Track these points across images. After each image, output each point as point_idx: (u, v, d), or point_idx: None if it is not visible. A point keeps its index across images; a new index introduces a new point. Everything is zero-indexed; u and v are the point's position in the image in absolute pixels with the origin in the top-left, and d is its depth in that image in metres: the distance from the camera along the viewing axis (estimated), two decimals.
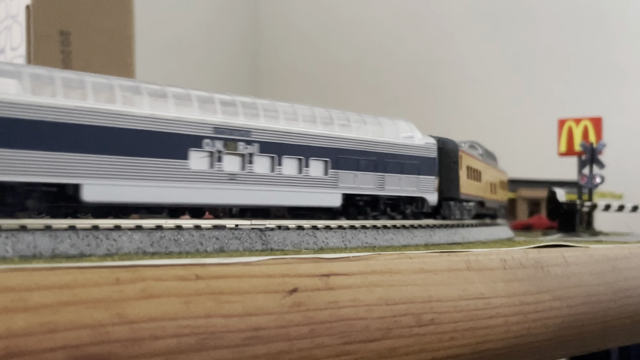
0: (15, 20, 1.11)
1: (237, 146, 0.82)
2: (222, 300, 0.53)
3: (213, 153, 0.80)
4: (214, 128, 0.80)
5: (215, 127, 0.80)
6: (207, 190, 0.79)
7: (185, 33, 2.87)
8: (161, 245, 0.69)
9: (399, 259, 0.70)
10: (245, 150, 0.82)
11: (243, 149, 0.82)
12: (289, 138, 0.87)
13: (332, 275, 0.62)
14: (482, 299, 0.75)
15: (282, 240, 0.78)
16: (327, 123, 0.93)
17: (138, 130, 0.73)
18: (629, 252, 1.03)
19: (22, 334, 0.43)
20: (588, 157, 1.51)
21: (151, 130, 0.74)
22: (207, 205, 0.82)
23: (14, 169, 0.64)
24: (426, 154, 1.06)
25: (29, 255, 0.59)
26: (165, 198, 0.76)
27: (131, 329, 0.48)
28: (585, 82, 2.48)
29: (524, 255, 0.83)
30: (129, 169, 0.72)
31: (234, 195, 0.82)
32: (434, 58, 2.81)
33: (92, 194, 0.69)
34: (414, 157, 1.04)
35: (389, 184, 1.00)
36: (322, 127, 0.92)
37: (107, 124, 0.70)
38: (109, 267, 0.50)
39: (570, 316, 0.87)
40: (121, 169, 0.71)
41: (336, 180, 0.92)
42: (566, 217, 1.45)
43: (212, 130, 0.80)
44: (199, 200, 0.79)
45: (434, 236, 0.99)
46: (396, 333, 0.65)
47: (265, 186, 0.84)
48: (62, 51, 1.11)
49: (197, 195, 0.78)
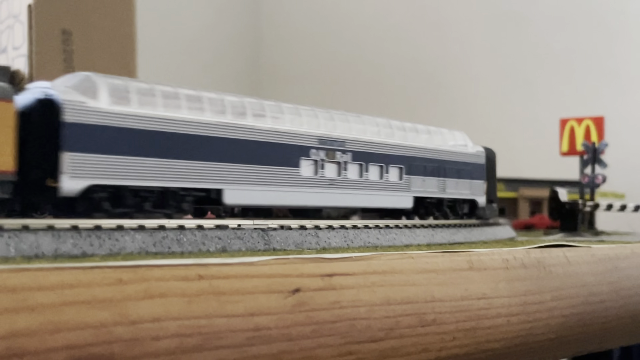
0: (17, 19, 1.11)
1: (335, 155, 0.93)
2: (225, 300, 0.53)
3: (317, 161, 0.91)
4: (318, 139, 0.92)
5: (319, 138, 0.92)
6: (312, 194, 0.91)
7: (186, 32, 2.87)
8: (164, 245, 0.69)
9: (401, 258, 0.70)
10: (341, 158, 0.94)
11: (339, 158, 0.94)
12: (374, 147, 0.99)
13: (335, 275, 0.62)
14: (485, 298, 0.75)
15: (285, 240, 0.78)
16: (401, 133, 1.05)
17: (263, 142, 0.85)
18: (631, 251, 1.03)
19: (24, 334, 0.43)
20: (590, 157, 1.51)
21: (273, 142, 0.86)
22: (312, 207, 0.94)
23: (176, 176, 0.76)
24: (477, 161, 1.19)
25: (31, 255, 0.59)
26: (283, 201, 0.88)
27: (133, 329, 0.48)
28: (588, 81, 2.48)
29: (526, 255, 0.83)
30: (258, 176, 0.84)
31: (332, 198, 0.93)
32: (436, 57, 2.81)
33: (231, 197, 0.81)
34: (468, 163, 1.17)
35: (449, 187, 1.12)
36: (399, 138, 1.04)
37: (241, 136, 0.82)
38: (112, 267, 0.50)
39: (572, 316, 0.86)
40: (252, 176, 0.83)
41: (409, 185, 1.04)
42: (568, 217, 1.44)
43: (317, 141, 0.91)
44: (306, 202, 0.91)
45: (435, 236, 0.99)
46: (398, 333, 0.65)
47: (355, 190, 0.96)
48: (64, 50, 1.11)
49: (305, 198, 0.90)
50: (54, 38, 1.11)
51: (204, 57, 2.94)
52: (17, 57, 1.11)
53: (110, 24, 1.18)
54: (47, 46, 1.10)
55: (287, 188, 0.87)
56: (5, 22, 1.14)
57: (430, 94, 2.79)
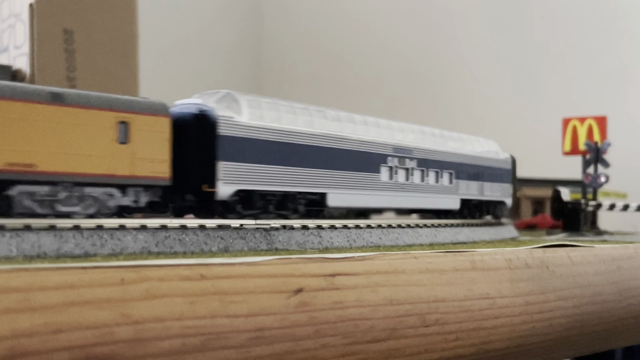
0: (18, 18, 1.11)
1: (405, 162, 1.04)
2: (227, 300, 0.53)
3: (392, 168, 1.02)
4: (393, 148, 1.02)
5: (394, 147, 1.03)
6: (388, 197, 1.01)
7: (188, 32, 2.87)
8: (166, 245, 0.68)
9: (404, 258, 0.69)
10: (409, 165, 1.05)
11: (408, 164, 1.05)
12: (432, 155, 1.10)
13: (337, 275, 0.62)
14: (488, 299, 0.74)
15: (287, 240, 0.78)
16: (450, 142, 1.17)
17: (355, 151, 0.96)
18: (635, 251, 1.02)
19: (26, 335, 0.43)
20: (593, 156, 1.50)
21: (361, 150, 0.97)
22: (387, 208, 1.06)
23: (295, 181, 0.87)
24: (505, 166, 1.33)
25: (33, 255, 0.59)
26: (368, 203, 0.99)
27: (136, 329, 0.47)
28: (590, 81, 2.47)
29: (529, 255, 0.83)
30: (351, 181, 0.95)
31: (401, 200, 1.04)
32: (438, 57, 2.80)
33: (333, 200, 0.93)
34: (499, 168, 1.30)
35: (486, 190, 1.25)
36: (449, 146, 1.16)
37: (339, 146, 0.93)
38: (114, 267, 0.50)
39: (575, 316, 0.86)
40: (347, 181, 0.94)
41: (457, 188, 1.16)
42: (571, 217, 1.44)
43: (392, 149, 1.02)
44: (384, 204, 1.03)
45: (438, 236, 0.99)
46: (401, 333, 0.65)
47: (419, 193, 1.07)
48: (66, 50, 1.11)
49: (383, 200, 1.01)
50: (55, 37, 1.10)
51: (204, 57, 2.94)
52: (18, 56, 1.11)
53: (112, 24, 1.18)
54: (48, 45, 1.09)
55: (371, 192, 0.98)
56: (7, 21, 1.14)
57: (432, 93, 2.79)
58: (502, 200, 1.31)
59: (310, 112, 0.92)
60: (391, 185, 1.02)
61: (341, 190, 0.93)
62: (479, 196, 1.22)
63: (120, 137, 0.75)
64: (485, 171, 1.25)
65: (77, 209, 0.72)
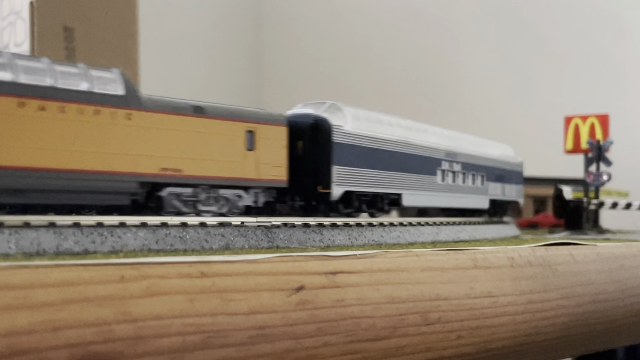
0: (19, 16, 1.10)
1: (453, 166, 1.15)
2: (228, 298, 0.53)
3: (444, 171, 1.13)
4: (445, 153, 1.13)
5: (446, 152, 1.14)
6: (441, 197, 1.12)
7: (188, 30, 2.87)
8: (166, 242, 0.68)
9: (405, 256, 0.69)
10: (455, 168, 1.16)
11: (455, 168, 1.15)
12: (471, 159, 1.21)
13: (339, 273, 0.61)
14: (490, 297, 0.74)
15: (288, 238, 0.78)
16: (480, 148, 1.28)
17: (421, 156, 1.07)
18: (637, 250, 1.02)
19: (25, 332, 0.42)
20: (595, 155, 1.50)
21: (425, 155, 1.08)
22: (439, 207, 1.15)
23: (383, 183, 0.99)
24: (518, 169, 1.46)
25: (32, 252, 0.59)
26: (429, 203, 1.10)
27: (136, 327, 0.47)
28: (592, 79, 2.47)
29: (531, 253, 0.82)
30: (418, 183, 1.06)
31: (450, 200, 1.14)
32: (439, 55, 2.80)
33: (407, 200, 1.03)
34: (514, 171, 1.43)
35: (506, 190, 1.37)
36: (480, 151, 1.27)
37: (411, 151, 1.05)
38: (114, 265, 0.50)
39: (577, 315, 0.86)
40: (415, 183, 1.05)
41: (487, 189, 1.27)
42: (573, 215, 1.44)
43: (444, 154, 1.13)
44: (438, 204, 1.13)
45: (440, 234, 0.98)
46: (403, 331, 0.64)
47: (462, 194, 1.18)
48: (66, 47, 1.11)
49: (438, 200, 1.11)
50: (55, 35, 1.10)
51: (205, 55, 2.94)
52: None
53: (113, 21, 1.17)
54: (49, 43, 1.09)
55: (431, 192, 1.09)
56: (7, 18, 1.14)
57: (433, 91, 2.78)
58: (517, 200, 1.44)
59: (390, 121, 1.03)
60: (443, 186, 1.13)
61: (412, 191, 1.04)
62: (502, 196, 1.34)
63: (248, 144, 0.85)
64: (505, 174, 1.36)
65: (213, 208, 0.81)
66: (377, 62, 2.94)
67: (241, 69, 3.13)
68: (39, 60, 0.68)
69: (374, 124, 0.99)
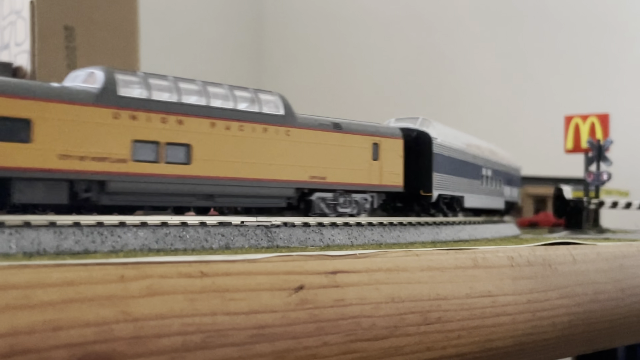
0: (19, 15, 1.10)
1: (488, 172, 1.30)
2: (228, 297, 0.53)
3: (483, 176, 1.28)
4: (484, 161, 1.29)
5: (485, 160, 1.30)
6: (483, 199, 1.28)
7: (189, 30, 2.87)
8: (166, 242, 0.68)
9: (405, 256, 0.69)
10: (489, 174, 1.31)
11: (489, 173, 1.31)
12: (495, 165, 1.37)
13: (339, 273, 0.61)
14: (490, 296, 0.74)
15: (288, 237, 0.78)
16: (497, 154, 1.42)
17: (474, 164, 1.23)
18: (637, 249, 1.02)
19: (26, 332, 0.42)
20: (595, 154, 1.50)
21: (476, 163, 1.24)
22: (478, 208, 1.28)
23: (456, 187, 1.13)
24: (518, 173, 1.62)
25: (32, 252, 0.59)
26: (478, 204, 1.25)
27: (136, 327, 0.47)
28: (593, 78, 2.47)
29: (531, 253, 0.82)
30: (473, 187, 1.22)
31: (484, 201, 1.29)
32: (439, 54, 2.80)
33: (467, 202, 1.18)
34: (516, 175, 1.58)
35: (512, 193, 1.53)
36: (499, 156, 1.41)
37: (469, 160, 1.20)
38: (114, 264, 0.50)
39: (578, 314, 0.86)
40: (472, 187, 1.21)
41: (502, 192, 1.42)
42: (573, 215, 1.44)
43: (484, 162, 1.29)
44: (482, 205, 1.28)
45: (440, 233, 0.98)
46: (403, 331, 0.65)
47: (490, 196, 1.33)
48: (67, 47, 1.11)
49: (480, 201, 1.26)
50: (56, 34, 1.10)
51: (205, 55, 2.94)
52: (19, 54, 1.11)
53: (113, 20, 1.17)
54: (49, 42, 1.09)
55: (478, 195, 1.25)
56: (8, 18, 1.14)
57: (434, 91, 2.78)
58: (517, 201, 1.60)
59: (454, 133, 1.16)
60: (484, 189, 1.28)
61: (470, 194, 1.19)
62: (509, 198, 1.48)
63: (374, 155, 0.97)
64: (510, 177, 1.50)
65: (348, 210, 0.94)
66: (377, 60, 2.93)
67: (241, 68, 3.13)
68: (221, 86, 0.82)
69: (450, 137, 1.12)
